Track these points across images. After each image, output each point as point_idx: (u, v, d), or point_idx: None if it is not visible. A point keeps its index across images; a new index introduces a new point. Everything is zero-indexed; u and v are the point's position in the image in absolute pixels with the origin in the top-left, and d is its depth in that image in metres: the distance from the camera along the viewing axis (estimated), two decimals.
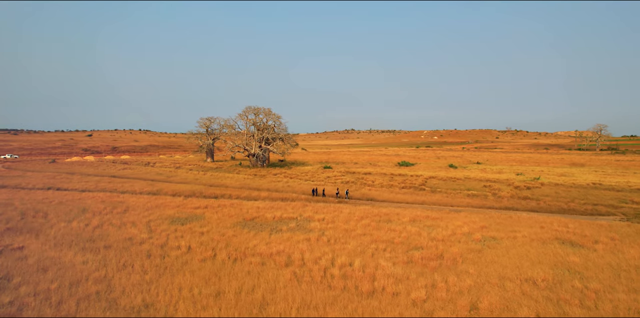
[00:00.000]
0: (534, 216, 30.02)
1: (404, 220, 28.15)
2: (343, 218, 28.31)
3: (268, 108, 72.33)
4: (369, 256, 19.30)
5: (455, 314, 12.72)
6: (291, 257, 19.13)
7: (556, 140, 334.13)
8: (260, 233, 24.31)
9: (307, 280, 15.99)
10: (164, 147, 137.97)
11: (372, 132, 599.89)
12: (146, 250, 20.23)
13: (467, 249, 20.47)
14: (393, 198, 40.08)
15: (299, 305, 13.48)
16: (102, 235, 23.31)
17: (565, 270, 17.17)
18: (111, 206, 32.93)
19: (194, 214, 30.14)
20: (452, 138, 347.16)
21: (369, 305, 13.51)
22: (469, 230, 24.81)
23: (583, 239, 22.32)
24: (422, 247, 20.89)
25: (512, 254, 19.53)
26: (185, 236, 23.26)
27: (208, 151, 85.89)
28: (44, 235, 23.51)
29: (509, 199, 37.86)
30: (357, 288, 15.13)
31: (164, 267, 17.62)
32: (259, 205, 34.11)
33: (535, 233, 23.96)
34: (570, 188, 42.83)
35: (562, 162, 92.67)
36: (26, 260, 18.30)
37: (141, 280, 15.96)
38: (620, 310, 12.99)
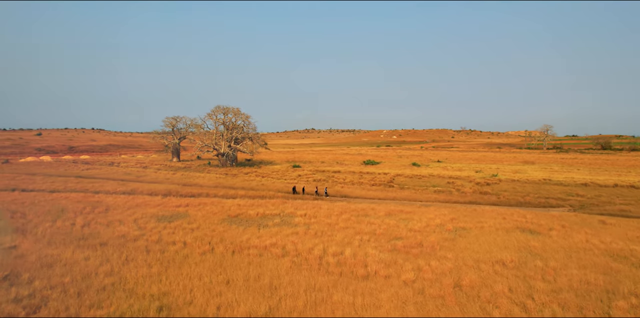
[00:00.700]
0: (496, 209, 33.08)
1: (380, 214, 30.23)
2: (324, 214, 29.97)
3: (237, 108, 72.79)
4: (356, 246, 21.10)
5: (442, 290, 14.73)
6: (285, 248, 20.57)
7: (507, 139, 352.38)
8: (249, 228, 25.51)
9: (306, 267, 17.55)
10: (124, 146, 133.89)
11: (333, 131, 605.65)
12: (143, 246, 20.96)
13: (442, 238, 22.74)
14: (365, 194, 42.27)
15: (305, 288, 15.01)
16: (93, 234, 23.66)
17: (527, 253, 19.75)
18: (90, 206, 32.81)
19: (177, 212, 30.77)
20: (410, 137, 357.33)
21: (367, 286, 15.27)
22: (440, 222, 27.21)
23: (540, 227, 25.27)
24: (402, 237, 22.95)
25: (482, 241, 22.00)
26: (177, 232, 24.07)
27: (174, 151, 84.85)
28: (31, 234, 23.51)
29: (471, 194, 41.05)
30: (352, 272, 16.86)
31: (167, 261, 18.56)
32: (239, 203, 35.08)
33: (499, 223, 26.71)
34: (524, 184, 46.88)
35: (515, 160, 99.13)
36: (26, 258, 18.61)
37: (149, 272, 16.88)
38: (573, 282, 15.50)
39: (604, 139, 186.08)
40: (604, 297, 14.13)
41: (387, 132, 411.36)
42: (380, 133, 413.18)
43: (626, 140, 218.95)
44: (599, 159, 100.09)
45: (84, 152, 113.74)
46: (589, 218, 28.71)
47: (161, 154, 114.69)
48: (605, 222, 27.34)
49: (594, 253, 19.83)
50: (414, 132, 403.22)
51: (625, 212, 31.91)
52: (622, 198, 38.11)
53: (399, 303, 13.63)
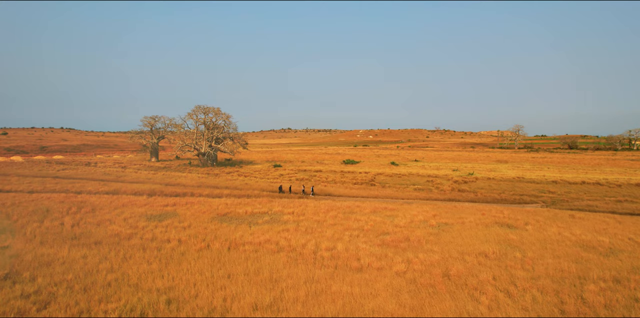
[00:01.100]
0: (474, 205, 34.74)
1: (365, 211, 31.33)
2: (311, 212, 30.82)
3: (217, 107, 72.67)
4: (347, 241, 22.06)
5: (433, 279, 15.84)
6: (279, 244, 21.31)
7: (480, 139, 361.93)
8: (240, 226, 26.10)
9: (302, 261, 18.37)
10: (99, 146, 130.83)
11: (309, 131, 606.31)
12: (139, 244, 21.28)
13: (427, 233, 23.98)
14: (349, 193, 43.35)
15: (304, 281, 15.83)
16: (84, 233, 23.73)
17: (507, 246, 21.17)
18: (76, 206, 32.56)
19: (166, 211, 30.97)
20: (386, 137, 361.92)
21: (362, 278, 16.23)
22: (424, 218, 28.52)
23: (516, 222, 26.89)
24: (390, 233, 24.07)
25: (464, 235, 23.35)
26: (170, 231, 24.42)
27: (153, 150, 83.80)
28: (20, 234, 23.39)
29: (450, 192, 42.75)
30: (347, 265, 17.79)
31: (165, 258, 19.01)
32: (226, 202, 35.50)
33: (478, 219, 28.23)
34: (500, 182, 49.05)
35: (488, 159, 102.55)
36: (22, 257, 18.65)
37: (150, 268, 17.32)
38: (549, 270, 16.91)
39: (571, 139, 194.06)
40: (577, 282, 15.55)
41: (363, 132, 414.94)
42: (356, 133, 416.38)
43: (591, 140, 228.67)
44: (567, 158, 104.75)
45: (57, 152, 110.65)
46: (560, 213, 30.62)
47: (138, 154, 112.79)
48: (575, 216, 29.28)
49: (566, 244, 21.45)
50: (390, 132, 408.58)
51: (592, 207, 34.11)
52: (589, 194, 40.56)
53: (394, 292, 14.64)
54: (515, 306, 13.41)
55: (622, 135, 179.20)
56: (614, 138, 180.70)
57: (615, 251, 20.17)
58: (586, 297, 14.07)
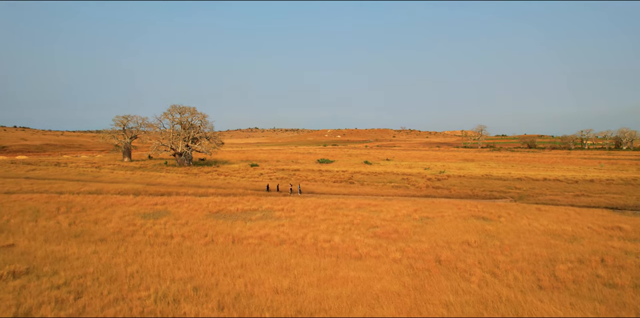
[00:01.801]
0: (450, 201, 37.38)
1: (351, 207, 33.20)
2: (300, 208, 32.35)
3: (193, 107, 72.70)
4: (341, 234, 23.80)
5: (427, 264, 17.84)
6: (279, 237, 22.77)
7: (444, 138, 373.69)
8: (236, 222, 27.32)
9: (306, 252, 19.96)
10: (63, 146, 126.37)
11: (276, 130, 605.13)
12: (144, 240, 22.17)
13: (413, 225, 26.11)
14: (330, 191, 45.16)
15: (312, 268, 17.43)
16: (85, 231, 24.27)
17: (485, 235, 23.57)
18: (64, 206, 32.61)
19: (158, 210, 31.64)
20: (353, 137, 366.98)
21: (364, 264, 18.02)
22: (406, 212, 30.70)
23: (490, 215, 29.53)
24: (378, 226, 26.02)
25: (447, 227, 25.63)
26: (169, 227, 25.33)
27: (125, 150, 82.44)
28: (20, 234, 23.66)
29: (426, 189, 45.40)
30: (347, 254, 19.53)
31: (175, 252, 20.07)
32: (214, 200, 36.42)
33: (456, 213, 30.71)
34: (470, 179, 52.31)
35: (455, 158, 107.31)
36: (33, 254, 19.21)
37: (165, 261, 18.39)
38: (525, 255, 19.31)
39: (530, 139, 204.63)
40: (549, 264, 17.98)
41: (331, 132, 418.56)
42: (324, 132, 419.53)
43: (547, 140, 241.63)
44: (527, 157, 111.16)
45: (18, 152, 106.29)
46: (527, 207, 33.66)
47: (108, 154, 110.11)
48: (541, 209, 32.35)
49: (536, 233, 24.11)
50: (357, 132, 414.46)
51: (555, 201, 37.52)
52: (550, 190, 44.26)
53: (396, 275, 16.50)
54: (500, 284, 15.57)
55: (574, 136, 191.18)
56: (568, 138, 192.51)
57: (578, 238, 22.96)
58: (558, 274, 16.45)
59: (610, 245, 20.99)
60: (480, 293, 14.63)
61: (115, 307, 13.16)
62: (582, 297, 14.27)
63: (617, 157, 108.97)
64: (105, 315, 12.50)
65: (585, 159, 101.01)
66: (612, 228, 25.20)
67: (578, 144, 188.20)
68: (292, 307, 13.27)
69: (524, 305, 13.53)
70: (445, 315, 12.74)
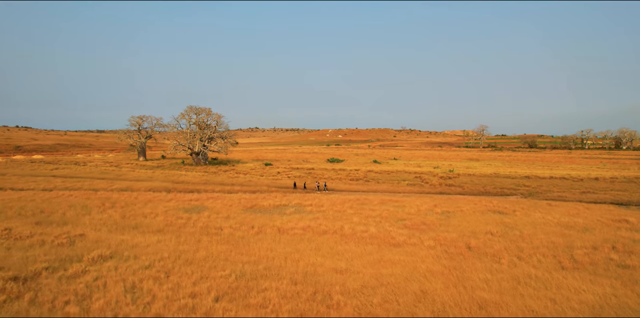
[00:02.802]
0: (465, 197, 39.83)
1: (374, 203, 35.59)
2: (328, 204, 34.72)
3: (209, 108, 75.05)
4: (374, 225, 26.19)
5: (459, 250, 20.26)
6: (320, 228, 25.17)
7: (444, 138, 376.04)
8: (273, 216, 29.70)
9: (349, 240, 22.36)
10: (74, 146, 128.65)
11: (277, 130, 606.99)
12: (197, 231, 24.54)
13: (437, 218, 28.53)
14: (349, 188, 47.57)
15: (360, 253, 19.84)
16: (139, 224, 26.63)
17: (505, 227, 25.98)
18: (107, 202, 34.94)
19: (195, 205, 33.98)
20: (355, 137, 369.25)
21: (404, 250, 20.42)
22: (427, 207, 33.10)
23: (506, 209, 31.95)
24: (406, 219, 28.42)
25: (468, 220, 28.05)
26: (215, 220, 27.71)
27: (141, 150, 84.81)
28: (82, 225, 26.00)
29: (439, 186, 47.82)
30: (386, 242, 21.94)
31: (231, 240, 22.45)
32: (244, 197, 38.78)
33: (473, 207, 33.13)
34: (480, 177, 54.78)
35: (459, 157, 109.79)
36: (107, 242, 21.57)
37: (226, 248, 20.76)
38: (544, 242, 21.73)
39: (530, 139, 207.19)
40: (566, 249, 20.41)
41: (332, 132, 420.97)
42: (326, 132, 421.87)
43: (547, 140, 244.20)
44: (530, 156, 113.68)
45: (33, 151, 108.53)
46: (539, 203, 36.10)
47: (121, 153, 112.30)
48: (551, 205, 34.78)
49: (550, 225, 26.53)
50: (358, 132, 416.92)
51: (563, 197, 39.98)
52: (558, 187, 46.74)
53: (435, 259, 18.92)
54: (527, 265, 18.01)
55: (575, 135, 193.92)
56: (568, 138, 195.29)
57: (589, 229, 25.38)
58: (576, 258, 18.89)
59: (620, 235, 23.42)
60: (511, 272, 17.06)
61: (205, 283, 15.54)
62: (599, 275, 16.71)
63: (617, 157, 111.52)
64: (200, 289, 14.87)
65: (586, 159, 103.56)
66: (619, 221, 27.63)
67: (578, 143, 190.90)
68: (356, 282, 15.69)
69: (550, 281, 15.96)
70: (485, 288, 15.15)
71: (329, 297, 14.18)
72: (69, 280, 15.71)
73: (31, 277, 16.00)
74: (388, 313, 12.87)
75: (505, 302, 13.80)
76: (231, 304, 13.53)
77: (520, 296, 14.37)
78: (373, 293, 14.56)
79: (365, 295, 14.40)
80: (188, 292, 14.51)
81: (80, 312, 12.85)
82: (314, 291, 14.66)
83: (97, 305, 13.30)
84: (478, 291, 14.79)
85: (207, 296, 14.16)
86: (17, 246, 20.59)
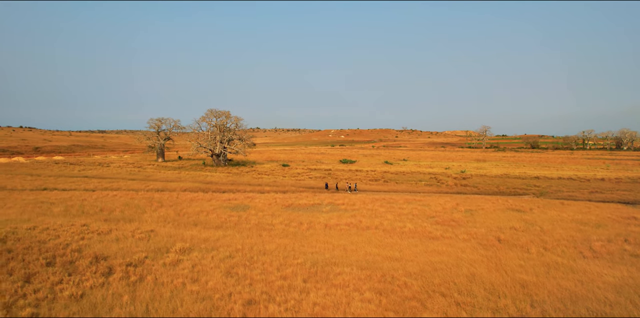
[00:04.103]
0: (482, 197, 42.90)
1: (400, 202, 38.62)
2: (359, 203, 37.72)
3: (227, 111, 78.13)
4: (409, 222, 29.24)
5: (491, 242, 23.30)
6: (362, 224, 28.19)
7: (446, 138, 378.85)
8: (314, 213, 32.71)
9: (393, 234, 25.40)
10: (88, 147, 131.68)
11: (278, 130, 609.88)
12: (253, 227, 27.55)
13: (463, 216, 31.57)
14: (371, 188, 50.62)
15: (407, 245, 22.87)
16: (197, 221, 29.65)
17: (525, 223, 29.02)
18: (155, 201, 37.93)
19: (237, 204, 36.97)
20: (357, 137, 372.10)
21: (443, 243, 23.45)
22: (451, 206, 36.14)
23: (523, 208, 35.00)
24: (435, 216, 31.46)
25: (491, 217, 31.11)
26: (263, 217, 30.70)
27: (160, 152, 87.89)
28: (144, 222, 29.03)
29: (455, 186, 50.89)
30: (425, 236, 24.98)
31: (288, 235, 25.44)
32: (277, 196, 41.79)
33: (492, 206, 36.18)
34: (491, 178, 57.88)
35: (465, 158, 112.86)
36: (180, 236, 24.55)
37: (288, 242, 23.73)
38: (563, 236, 24.77)
39: (532, 139, 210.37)
40: (584, 242, 23.45)
41: (335, 132, 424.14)
42: (328, 133, 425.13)
43: (549, 140, 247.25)
44: (534, 157, 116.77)
45: (51, 152, 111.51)
46: (552, 202, 39.16)
47: (135, 154, 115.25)
48: (564, 203, 37.85)
49: (566, 221, 29.58)
50: (360, 132, 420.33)
51: (573, 196, 43.07)
52: (567, 187, 49.83)
53: (472, 249, 21.97)
54: (553, 254, 21.06)
55: (576, 136, 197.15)
56: (570, 138, 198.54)
57: (602, 225, 28.44)
58: (594, 248, 21.95)
59: (630, 230, 26.50)
60: (540, 260, 20.12)
61: (287, 269, 18.55)
62: (616, 262, 19.77)
63: (619, 158, 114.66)
64: (286, 273, 17.89)
65: (589, 159, 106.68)
66: (628, 218, 30.69)
67: (580, 144, 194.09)
68: (414, 267, 18.74)
69: (575, 267, 19.01)
70: (523, 272, 18.19)
71: (396, 278, 17.22)
72: (172, 267, 18.72)
73: (138, 264, 19.03)
74: (450, 290, 15.91)
75: (542, 282, 16.84)
76: (319, 284, 16.56)
77: (553, 278, 17.41)
78: (431, 276, 17.60)
79: (426, 277, 17.43)
80: (278, 276, 17.54)
81: (200, 290, 15.86)
82: (382, 274, 17.71)
83: (210, 285, 16.31)
84: (517, 274, 17.84)
85: (296, 278, 17.18)
86: (106, 239, 23.60)
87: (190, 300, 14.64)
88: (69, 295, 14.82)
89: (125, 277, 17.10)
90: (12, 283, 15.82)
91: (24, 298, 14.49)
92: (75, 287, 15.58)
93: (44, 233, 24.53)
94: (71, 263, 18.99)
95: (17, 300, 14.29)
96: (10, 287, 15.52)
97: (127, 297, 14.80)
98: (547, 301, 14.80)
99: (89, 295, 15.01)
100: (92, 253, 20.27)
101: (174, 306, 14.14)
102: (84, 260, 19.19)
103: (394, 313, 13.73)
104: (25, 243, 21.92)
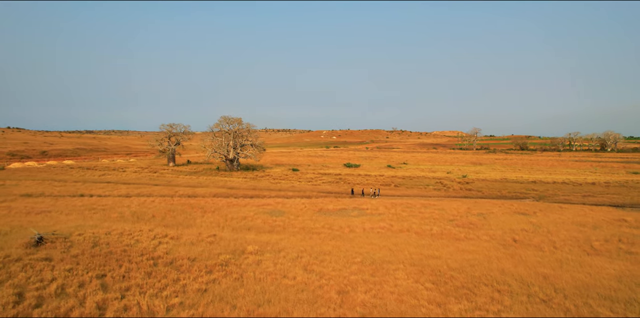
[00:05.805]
0: (489, 201, 47.61)
1: (417, 206, 43.04)
2: (382, 207, 42.03)
3: (239, 118, 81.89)
4: (434, 225, 33.64)
5: (509, 242, 27.79)
6: (394, 227, 32.50)
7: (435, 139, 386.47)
8: (345, 218, 36.90)
9: (424, 236, 29.76)
10: (92, 150, 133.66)
11: (269, 131, 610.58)
12: (299, 231, 31.61)
13: (477, 219, 36.11)
14: (385, 193, 54.99)
15: (439, 245, 27.23)
16: (249, 226, 33.55)
17: (533, 225, 33.65)
18: (198, 207, 41.67)
19: (271, 209, 40.91)
20: (349, 138, 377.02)
21: (469, 243, 27.88)
22: (464, 210, 40.69)
23: (527, 211, 39.72)
24: (454, 220, 35.94)
25: (502, 220, 35.70)
26: (304, 222, 34.76)
27: (171, 156, 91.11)
28: (200, 227, 32.84)
29: (461, 191, 55.59)
30: (451, 237, 29.40)
31: (336, 238, 29.59)
32: (304, 201, 45.82)
33: (500, 210, 40.84)
34: (492, 182, 62.81)
35: (461, 161, 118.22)
36: (243, 240, 28.50)
37: (339, 244, 27.89)
38: (567, 236, 29.42)
39: (521, 140, 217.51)
40: (586, 242, 28.12)
41: (326, 133, 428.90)
42: (320, 133, 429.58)
43: (536, 141, 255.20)
44: (524, 159, 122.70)
45: (58, 156, 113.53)
46: (551, 205, 44.05)
47: (140, 158, 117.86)
48: (562, 207, 42.74)
49: (567, 223, 34.33)
50: (351, 133, 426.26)
51: (569, 200, 48.07)
52: (562, 191, 54.93)
53: (494, 248, 26.43)
54: (563, 252, 25.65)
55: (563, 137, 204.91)
56: (557, 140, 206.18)
57: (598, 226, 33.22)
58: (595, 247, 26.61)
59: (623, 231, 31.32)
60: (553, 256, 24.67)
61: (351, 266, 22.70)
62: (614, 258, 24.43)
63: (604, 160, 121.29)
64: (353, 269, 22.06)
65: (577, 162, 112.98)
66: (619, 220, 35.59)
67: (566, 145, 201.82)
68: (453, 263, 23.08)
69: (582, 262, 23.59)
70: (542, 266, 22.67)
71: (443, 273, 21.54)
72: (257, 266, 22.71)
73: (227, 264, 22.99)
74: (490, 281, 20.29)
75: (559, 274, 21.35)
76: (385, 278, 20.78)
77: (567, 271, 21.94)
78: (471, 270, 21.97)
79: (466, 271, 21.80)
80: (348, 272, 21.71)
81: (294, 283, 19.93)
82: (431, 269, 22.02)
83: (299, 280, 20.39)
84: (538, 268, 22.33)
85: (364, 273, 21.37)
86: (181, 243, 27.43)
87: (293, 291, 18.74)
88: (197, 289, 18.78)
89: (226, 275, 21.07)
90: (142, 279, 19.70)
91: (164, 290, 18.42)
92: (196, 283, 19.53)
93: (124, 238, 28.25)
94: (171, 264, 22.86)
95: (163, 290, 18.20)
96: (141, 282, 19.39)
97: (243, 290, 18.81)
98: (566, 288, 19.28)
99: (211, 290, 18.98)
100: (183, 256, 24.11)
101: (284, 295, 18.21)
102: (181, 260, 23.10)
103: (454, 298, 18.04)
104: (118, 247, 25.67)
